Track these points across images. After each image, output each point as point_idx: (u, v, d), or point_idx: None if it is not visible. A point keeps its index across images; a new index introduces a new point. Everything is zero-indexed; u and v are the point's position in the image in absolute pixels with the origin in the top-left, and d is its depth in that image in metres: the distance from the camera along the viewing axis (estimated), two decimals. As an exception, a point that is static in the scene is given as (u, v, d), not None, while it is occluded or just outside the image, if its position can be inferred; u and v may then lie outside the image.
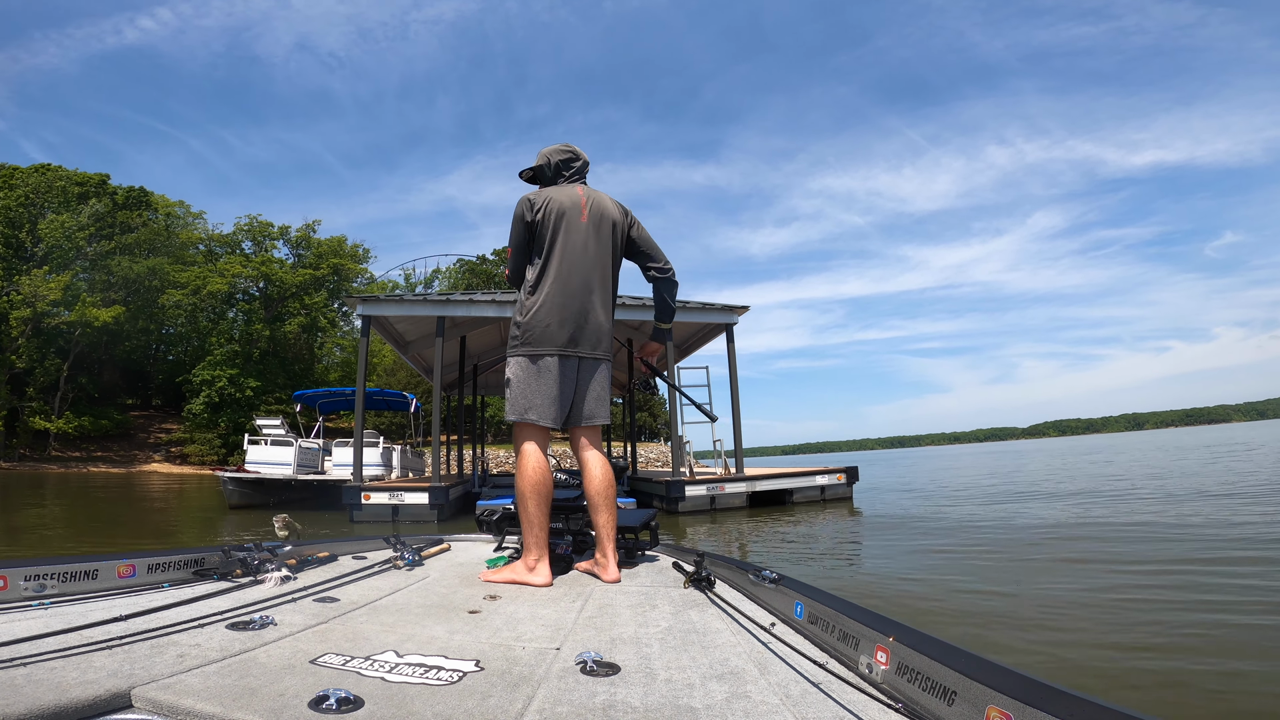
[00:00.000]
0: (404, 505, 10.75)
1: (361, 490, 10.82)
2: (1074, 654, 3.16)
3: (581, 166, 2.67)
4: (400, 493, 10.85)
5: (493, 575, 2.26)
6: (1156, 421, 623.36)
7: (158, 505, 15.83)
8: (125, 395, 51.43)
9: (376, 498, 10.78)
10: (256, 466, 14.25)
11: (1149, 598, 4.15)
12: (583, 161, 2.68)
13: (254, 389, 43.96)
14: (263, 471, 14.06)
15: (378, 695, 1.11)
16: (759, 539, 8.05)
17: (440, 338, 12.12)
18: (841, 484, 12.62)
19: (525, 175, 2.68)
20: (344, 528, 10.01)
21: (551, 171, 2.63)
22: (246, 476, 13.78)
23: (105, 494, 20.09)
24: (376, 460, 15.41)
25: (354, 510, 10.70)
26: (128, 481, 30.28)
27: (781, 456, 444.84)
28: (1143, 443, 54.80)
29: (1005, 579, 4.85)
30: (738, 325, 13.72)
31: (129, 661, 1.24)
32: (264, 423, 15.45)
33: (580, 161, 2.67)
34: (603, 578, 2.29)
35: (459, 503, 12.38)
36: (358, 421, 11.87)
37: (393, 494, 10.83)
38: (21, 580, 1.74)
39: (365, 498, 10.75)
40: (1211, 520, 7.08)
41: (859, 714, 1.08)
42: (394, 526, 10.32)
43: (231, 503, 13.49)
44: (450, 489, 11.32)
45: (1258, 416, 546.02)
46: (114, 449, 44.63)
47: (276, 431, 15.13)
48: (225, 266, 48.32)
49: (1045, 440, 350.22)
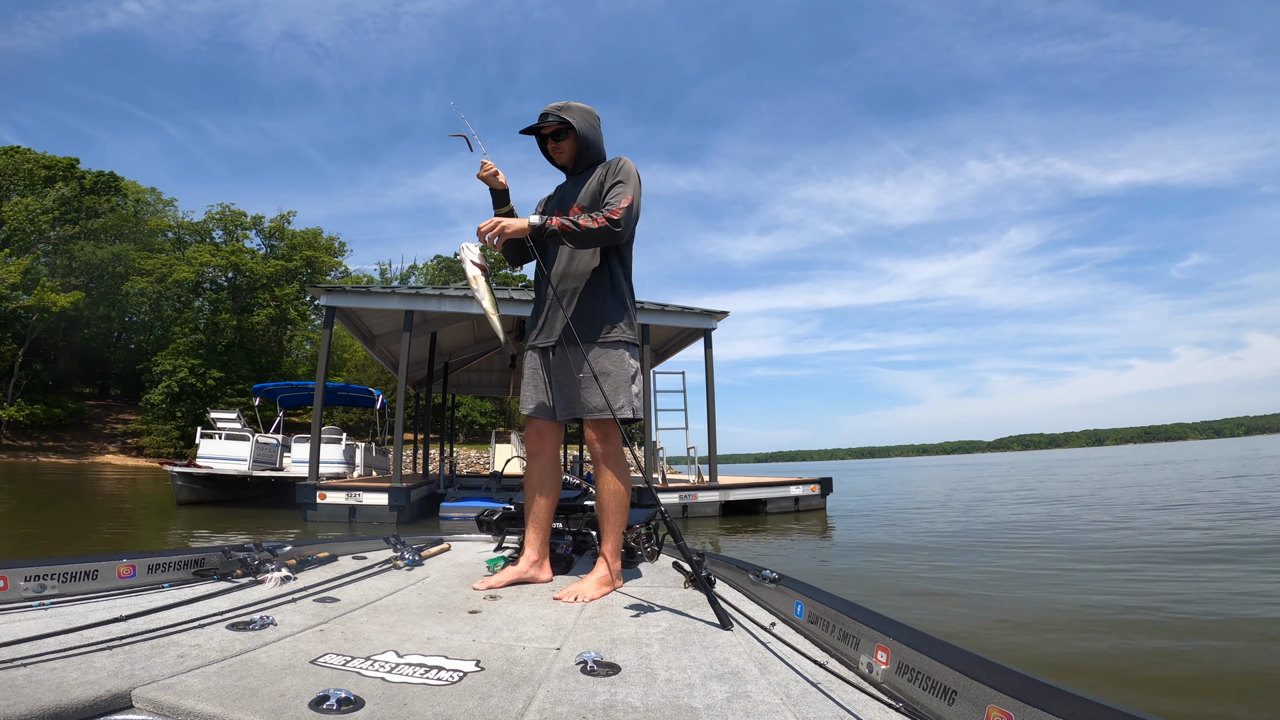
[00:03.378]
0: (362, 506, 10.26)
1: (317, 489, 10.31)
2: (1074, 654, 3.21)
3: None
4: (358, 492, 10.36)
5: (492, 581, 2.16)
6: (1116, 438, 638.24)
7: (98, 500, 15.09)
8: (82, 384, 49.69)
9: (333, 497, 10.28)
10: (209, 461, 13.61)
11: (1144, 602, 4.02)
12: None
13: (216, 380, 42.67)
14: (215, 467, 13.43)
15: (378, 695, 1.11)
16: (732, 551, 7.77)
17: (408, 332, 11.65)
18: (815, 495, 12.44)
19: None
20: (298, 528, 9.53)
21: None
22: (197, 472, 13.15)
23: (49, 487, 19.19)
24: (338, 458, 14.85)
25: (308, 510, 10.20)
26: (78, 473, 29.20)
27: (755, 464, 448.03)
28: (1101, 457, 56.77)
29: (991, 589, 4.75)
30: (716, 331, 13.44)
31: (129, 662, 1.24)
32: (218, 416, 14.80)
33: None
34: (539, 577, 2.26)
35: (422, 504, 11.89)
36: (315, 417, 11.35)
37: (350, 494, 10.33)
38: (21, 580, 1.73)
39: (321, 497, 10.24)
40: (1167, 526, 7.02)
41: (859, 714, 1.08)
42: (351, 528, 9.85)
43: (180, 499, 12.83)
44: (412, 490, 10.85)
45: (1213, 435, 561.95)
46: (66, 439, 42.98)
47: (232, 425, 14.49)
48: (193, 255, 47.03)
49: (1009, 454, 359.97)
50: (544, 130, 2.38)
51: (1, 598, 1.69)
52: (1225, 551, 6.20)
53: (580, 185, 2.37)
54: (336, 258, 55.83)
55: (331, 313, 11.90)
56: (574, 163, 2.41)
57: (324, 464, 13.13)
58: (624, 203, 2.19)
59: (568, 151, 2.39)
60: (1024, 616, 4.11)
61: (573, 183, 2.43)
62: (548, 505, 2.34)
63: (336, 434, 15.61)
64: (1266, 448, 59.94)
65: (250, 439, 13.89)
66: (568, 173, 2.48)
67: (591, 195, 2.32)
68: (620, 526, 2.24)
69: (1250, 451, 48.77)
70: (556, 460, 2.41)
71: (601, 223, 2.15)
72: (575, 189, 2.39)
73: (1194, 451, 60.70)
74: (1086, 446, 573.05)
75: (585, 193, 2.33)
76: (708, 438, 12.97)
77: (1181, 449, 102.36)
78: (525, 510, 2.34)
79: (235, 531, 9.18)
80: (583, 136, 2.35)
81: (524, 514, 2.36)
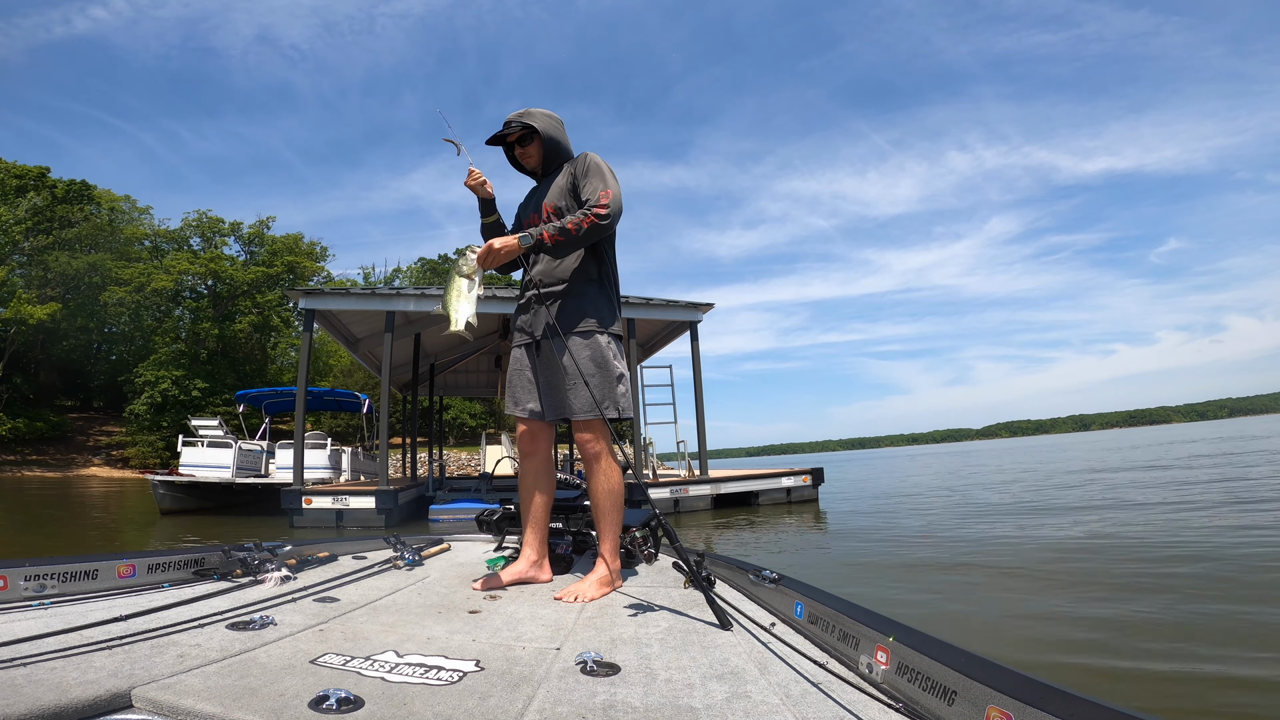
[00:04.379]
0: (349, 510, 10.11)
1: (303, 494, 10.14)
2: (1073, 653, 3.12)
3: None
4: (345, 497, 10.21)
5: (492, 581, 2.16)
6: (1102, 422, 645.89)
7: (81, 513, 14.80)
8: (64, 396, 48.98)
9: (319, 502, 10.12)
10: (191, 469, 13.36)
11: (1140, 603, 4.00)
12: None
13: (201, 390, 42.13)
14: (197, 475, 13.19)
15: (378, 695, 1.10)
16: (724, 546, 7.70)
17: (389, 334, 11.49)
18: (807, 485, 12.41)
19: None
20: (284, 534, 9.37)
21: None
22: (179, 480, 12.92)
23: (33, 501, 18.84)
24: (323, 462, 14.63)
25: (294, 515, 10.03)
26: (63, 486, 28.73)
27: (746, 458, 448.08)
28: (1089, 442, 57.17)
29: (987, 589, 4.73)
30: (702, 324, 13.36)
31: (129, 661, 1.24)
32: (200, 423, 14.55)
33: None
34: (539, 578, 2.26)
35: (410, 508, 11.75)
36: (299, 421, 11.16)
37: (337, 498, 10.18)
38: (22, 580, 1.73)
39: (307, 502, 10.07)
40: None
41: (859, 714, 1.07)
42: (338, 532, 9.70)
43: (163, 508, 12.61)
44: (400, 493, 10.71)
45: (1197, 417, 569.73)
46: (50, 452, 42.32)
47: (214, 433, 14.25)
48: (171, 263, 46.28)
49: (997, 441, 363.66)
50: (509, 137, 2.42)
51: (1, 597, 1.69)
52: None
53: (550, 185, 2.40)
54: (319, 262, 55.30)
55: (311, 316, 11.70)
56: (543, 165, 2.46)
57: (309, 469, 12.95)
58: (604, 197, 2.19)
59: (535, 156, 2.43)
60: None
61: (543, 184, 2.46)
62: (544, 505, 2.34)
63: (321, 439, 15.40)
64: (1251, 429, 60.83)
65: (233, 446, 13.67)
66: (538, 177, 2.52)
67: (562, 192, 2.33)
68: (617, 525, 2.24)
69: (1235, 432, 49.41)
70: (550, 460, 2.41)
71: (589, 222, 2.16)
72: (545, 189, 2.41)
73: (1184, 434, 61.22)
74: (1073, 432, 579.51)
75: (556, 190, 2.35)
76: (697, 431, 12.91)
77: (1169, 431, 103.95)
78: (522, 511, 2.35)
79: (216, 540, 9.01)
80: (548, 138, 2.39)
81: (520, 515, 2.38)
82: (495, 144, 2.45)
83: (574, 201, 2.30)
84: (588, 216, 2.16)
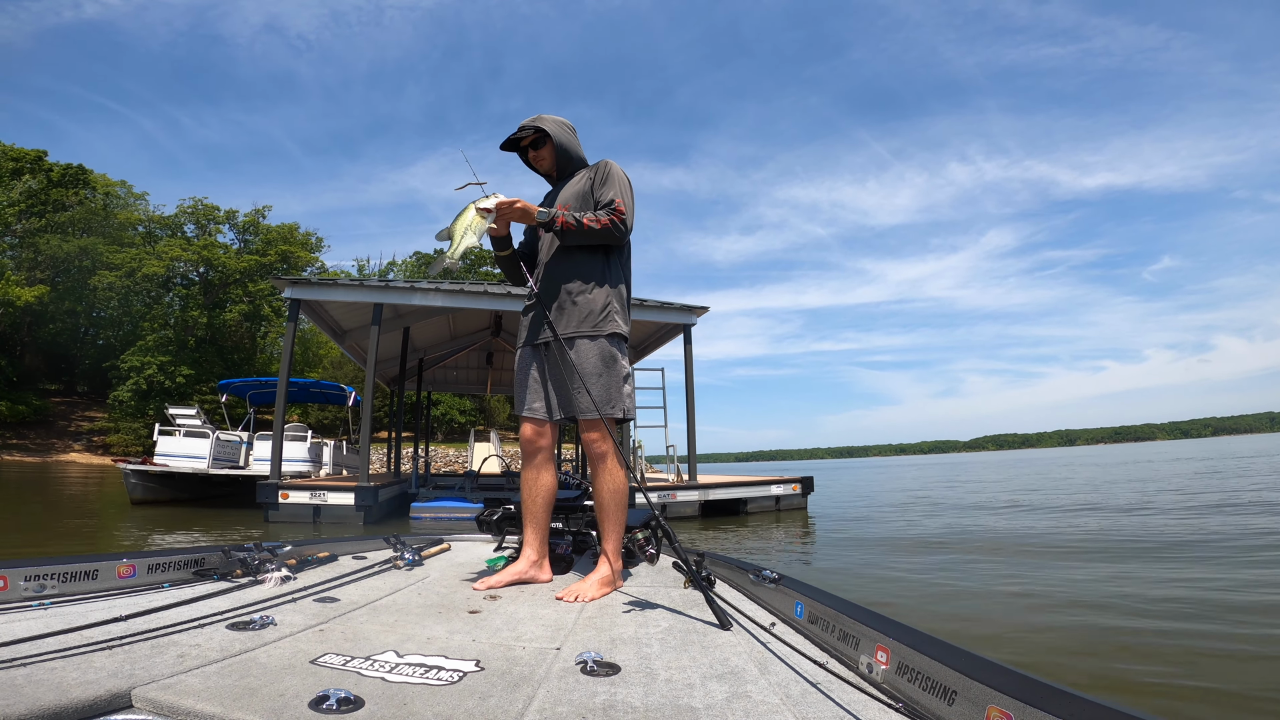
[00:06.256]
0: (327, 505, 9.82)
1: (279, 488, 9.86)
2: (1072, 654, 3.16)
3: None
4: (323, 492, 9.92)
5: (492, 580, 2.17)
6: (1087, 438, 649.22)
7: (48, 500, 14.46)
8: (48, 380, 48.39)
9: (296, 496, 9.83)
10: (166, 459, 13.04)
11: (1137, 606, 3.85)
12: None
13: (186, 377, 41.63)
14: (171, 464, 12.87)
15: (378, 695, 1.11)
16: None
17: (376, 326, 11.22)
18: (796, 494, 12.24)
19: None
20: (258, 528, 9.09)
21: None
22: (153, 469, 12.59)
23: (8, 486, 18.44)
24: (302, 455, 14.35)
25: (269, 510, 9.74)
26: (41, 471, 28.29)
27: (735, 464, 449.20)
28: (1077, 457, 58.03)
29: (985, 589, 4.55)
30: (696, 328, 13.17)
31: (129, 662, 1.24)
32: (177, 411, 14.23)
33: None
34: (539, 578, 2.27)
35: (391, 504, 11.46)
36: (278, 413, 10.88)
37: (315, 493, 9.88)
38: (21, 580, 1.73)
39: (283, 496, 9.78)
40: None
41: (859, 714, 1.07)
42: (315, 528, 9.42)
43: (135, 497, 12.26)
44: (381, 489, 10.43)
45: (1181, 435, 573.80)
46: (31, 436, 41.76)
47: (191, 421, 13.93)
48: (164, 249, 45.75)
49: (983, 454, 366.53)
50: (522, 141, 2.49)
51: (1, 598, 1.69)
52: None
53: (564, 188, 2.45)
54: (313, 253, 54.86)
55: (296, 305, 11.43)
56: (556, 169, 2.53)
57: (288, 462, 12.66)
58: (621, 207, 2.27)
59: (548, 159, 2.51)
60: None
61: (558, 187, 2.51)
62: (545, 504, 2.35)
63: (301, 431, 15.11)
64: (1235, 448, 61.39)
65: (211, 436, 13.36)
66: (551, 180, 2.59)
67: (579, 196, 2.37)
68: (621, 525, 2.25)
69: (1216, 452, 49.86)
70: (552, 459, 2.42)
71: (606, 223, 2.24)
72: (560, 192, 2.46)
73: (1169, 451, 62.11)
74: (1058, 446, 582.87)
75: (572, 194, 2.38)
76: (687, 436, 12.71)
77: (1152, 449, 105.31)
78: (523, 511, 2.36)
79: (184, 530, 8.73)
80: (559, 143, 2.45)
81: (521, 514, 2.39)
82: (509, 149, 2.53)
83: (589, 206, 2.36)
84: (606, 217, 2.24)
